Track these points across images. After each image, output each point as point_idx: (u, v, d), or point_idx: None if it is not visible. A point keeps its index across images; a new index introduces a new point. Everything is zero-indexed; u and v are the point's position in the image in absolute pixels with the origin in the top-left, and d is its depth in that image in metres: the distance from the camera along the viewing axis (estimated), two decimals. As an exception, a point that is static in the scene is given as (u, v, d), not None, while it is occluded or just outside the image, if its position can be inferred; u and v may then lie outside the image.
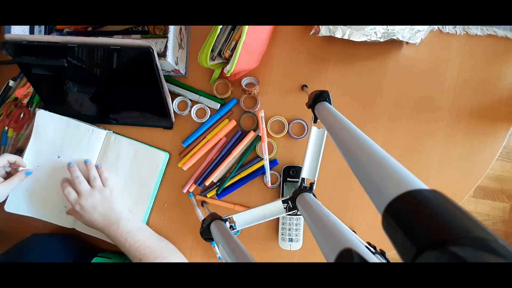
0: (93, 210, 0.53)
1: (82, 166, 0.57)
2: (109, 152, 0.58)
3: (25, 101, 0.60)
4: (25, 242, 0.54)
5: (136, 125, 0.59)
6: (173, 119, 0.58)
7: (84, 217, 0.53)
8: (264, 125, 0.54)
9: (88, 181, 0.55)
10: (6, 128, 0.60)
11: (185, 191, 0.59)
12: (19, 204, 0.58)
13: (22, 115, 0.60)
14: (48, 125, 0.57)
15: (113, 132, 0.59)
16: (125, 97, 0.56)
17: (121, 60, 0.50)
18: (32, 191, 0.58)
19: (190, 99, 0.58)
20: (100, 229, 0.54)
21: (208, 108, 0.58)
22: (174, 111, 0.58)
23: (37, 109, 0.57)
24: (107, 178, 0.57)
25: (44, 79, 0.53)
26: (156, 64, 0.49)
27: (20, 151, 0.60)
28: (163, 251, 0.54)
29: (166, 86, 0.53)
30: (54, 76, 0.53)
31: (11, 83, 0.60)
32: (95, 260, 0.55)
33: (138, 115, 0.58)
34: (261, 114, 0.53)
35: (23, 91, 0.59)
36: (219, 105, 0.58)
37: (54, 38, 0.48)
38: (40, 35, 0.54)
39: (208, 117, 0.58)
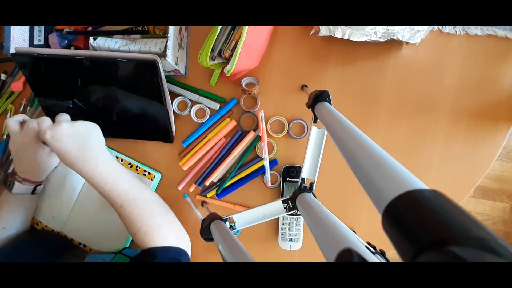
0: (68, 139, 0.45)
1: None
2: None
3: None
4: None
5: (136, 138, 0.60)
6: (174, 133, 0.58)
7: (57, 147, 0.45)
8: (264, 125, 0.54)
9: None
10: (5, 136, 0.60)
11: (180, 188, 0.59)
12: None
13: None
14: None
15: (108, 147, 0.59)
16: (127, 109, 0.55)
17: (126, 72, 0.50)
18: None
19: (190, 99, 0.58)
20: (73, 165, 0.46)
21: (207, 108, 0.58)
22: (174, 111, 0.58)
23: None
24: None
25: (47, 89, 0.54)
26: (161, 77, 0.49)
27: None
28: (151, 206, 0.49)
29: (169, 99, 0.54)
30: (58, 86, 0.53)
31: (3, 76, 0.60)
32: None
33: (139, 128, 0.58)
34: (261, 114, 0.53)
35: (19, 84, 0.59)
36: (218, 105, 0.58)
37: (63, 51, 0.49)
38: (49, 49, 0.53)
39: (208, 117, 0.58)
